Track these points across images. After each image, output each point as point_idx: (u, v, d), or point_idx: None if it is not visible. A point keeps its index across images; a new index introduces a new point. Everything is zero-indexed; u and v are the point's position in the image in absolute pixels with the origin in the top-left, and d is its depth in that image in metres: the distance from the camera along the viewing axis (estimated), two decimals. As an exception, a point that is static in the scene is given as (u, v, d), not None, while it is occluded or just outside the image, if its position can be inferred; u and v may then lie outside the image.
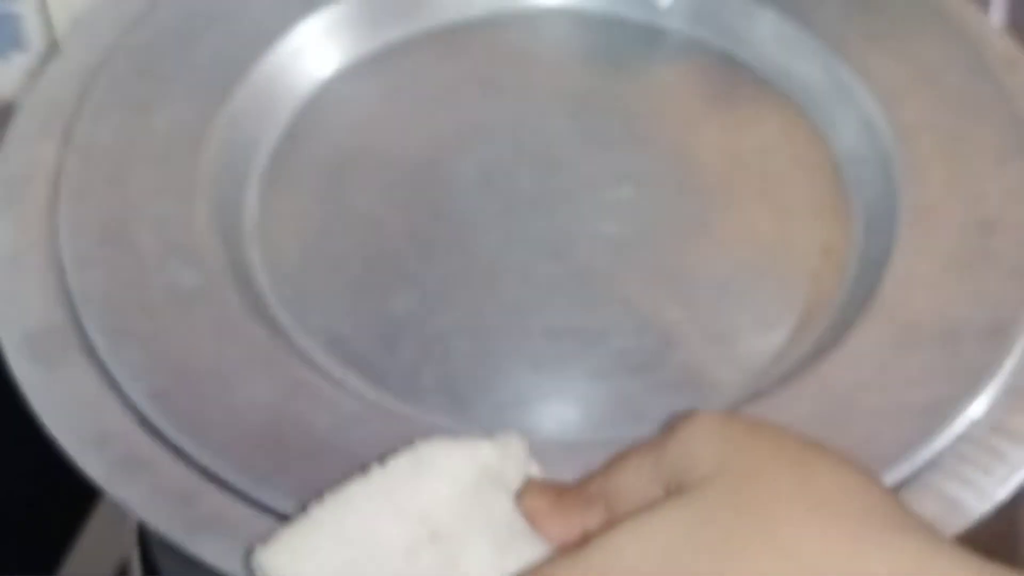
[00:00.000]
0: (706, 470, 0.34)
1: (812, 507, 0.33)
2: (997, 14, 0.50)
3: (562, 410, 0.47)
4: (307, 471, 0.41)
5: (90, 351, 0.45)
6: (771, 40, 0.57)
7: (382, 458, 0.38)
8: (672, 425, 0.36)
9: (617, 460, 0.37)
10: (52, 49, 0.60)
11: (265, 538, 0.37)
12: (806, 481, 0.33)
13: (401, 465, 0.38)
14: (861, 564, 0.32)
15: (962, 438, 0.42)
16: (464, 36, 0.58)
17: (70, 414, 0.44)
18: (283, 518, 0.40)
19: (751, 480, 0.33)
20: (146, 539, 0.63)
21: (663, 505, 0.34)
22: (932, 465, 0.41)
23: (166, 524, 0.42)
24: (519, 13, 0.58)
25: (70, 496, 0.68)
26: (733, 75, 0.57)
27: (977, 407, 0.42)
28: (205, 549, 0.41)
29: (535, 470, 0.38)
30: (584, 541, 0.35)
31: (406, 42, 0.57)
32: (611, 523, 0.35)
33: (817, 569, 0.32)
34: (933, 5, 0.56)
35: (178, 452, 0.43)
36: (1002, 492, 0.42)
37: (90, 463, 0.43)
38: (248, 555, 0.38)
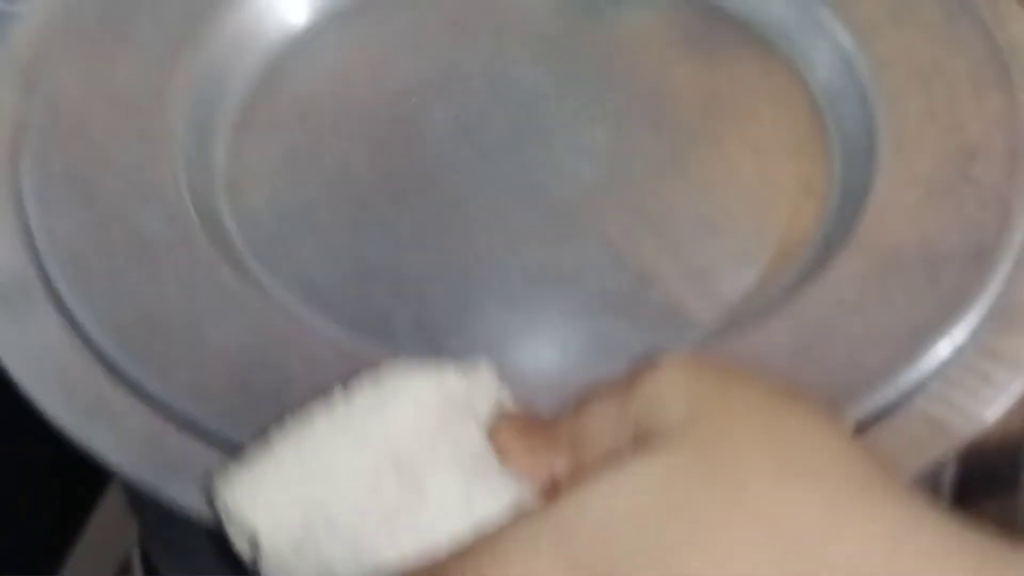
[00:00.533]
0: (673, 422, 0.32)
1: (785, 468, 0.31)
2: None
3: (539, 350, 0.46)
4: (277, 413, 0.40)
5: (56, 299, 0.44)
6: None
7: (346, 389, 0.37)
8: (638, 369, 0.34)
9: (584, 402, 0.35)
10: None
11: (225, 471, 0.36)
12: (778, 438, 0.32)
13: (364, 395, 0.37)
14: (835, 531, 0.31)
15: (947, 362, 0.41)
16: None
17: (36, 363, 0.43)
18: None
19: (721, 437, 0.32)
20: (147, 539, 0.62)
21: (630, 461, 0.32)
22: (918, 389, 0.41)
23: (135, 469, 0.41)
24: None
25: (72, 496, 0.67)
26: (707, 17, 0.56)
27: (961, 331, 0.42)
28: (174, 492, 0.40)
29: (506, 398, 0.37)
30: (551, 485, 0.35)
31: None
32: (578, 468, 0.34)
33: (789, 535, 0.30)
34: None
35: (146, 397, 0.42)
36: (989, 414, 0.41)
37: (57, 410, 0.42)
38: (208, 491, 0.37)
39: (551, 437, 0.36)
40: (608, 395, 0.35)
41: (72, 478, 0.42)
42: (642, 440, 0.33)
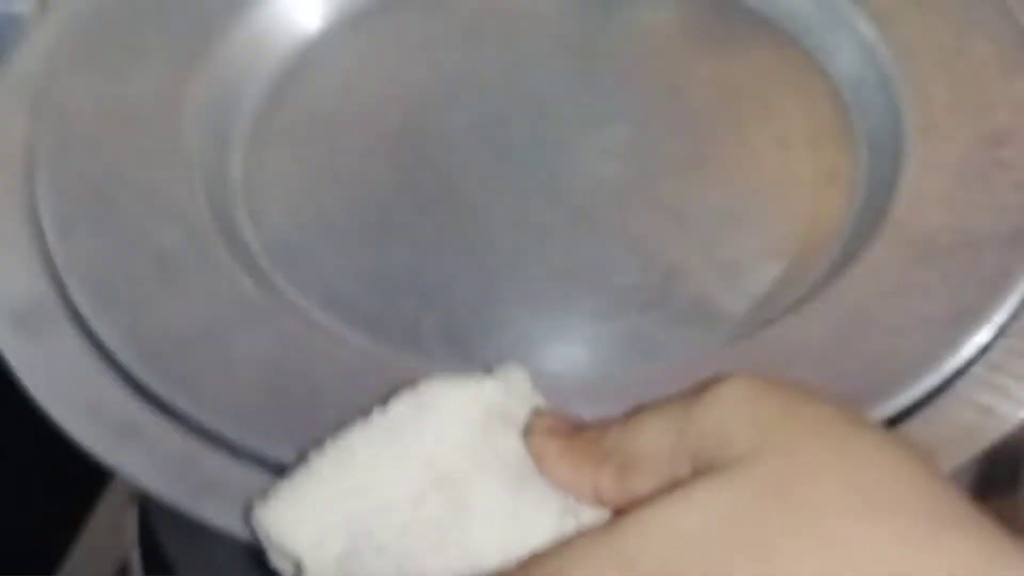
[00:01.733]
0: (741, 449, 0.31)
1: (862, 501, 0.30)
2: None
3: (568, 351, 0.45)
4: (309, 425, 0.39)
5: (78, 320, 0.44)
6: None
7: (384, 403, 0.36)
8: (701, 389, 0.33)
9: (637, 416, 0.34)
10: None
11: (264, 493, 0.35)
12: (854, 468, 0.31)
13: (402, 408, 0.36)
14: (916, 566, 0.29)
15: (989, 347, 0.41)
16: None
17: (61, 386, 0.43)
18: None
19: (792, 465, 0.31)
20: (147, 538, 0.61)
21: (695, 487, 0.31)
22: (962, 375, 0.40)
23: (167, 490, 0.40)
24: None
25: (71, 496, 0.66)
26: (722, 12, 0.55)
27: (1002, 314, 0.41)
28: (209, 512, 0.39)
29: (540, 402, 0.37)
30: (596, 499, 0.34)
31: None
32: (627, 489, 0.33)
33: (867, 569, 0.29)
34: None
35: (175, 416, 0.41)
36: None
37: (85, 434, 0.41)
38: (247, 512, 0.36)
39: (596, 448, 0.34)
40: (665, 413, 0.33)
41: (71, 478, 0.42)
42: (706, 465, 0.32)
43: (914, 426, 0.39)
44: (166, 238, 0.45)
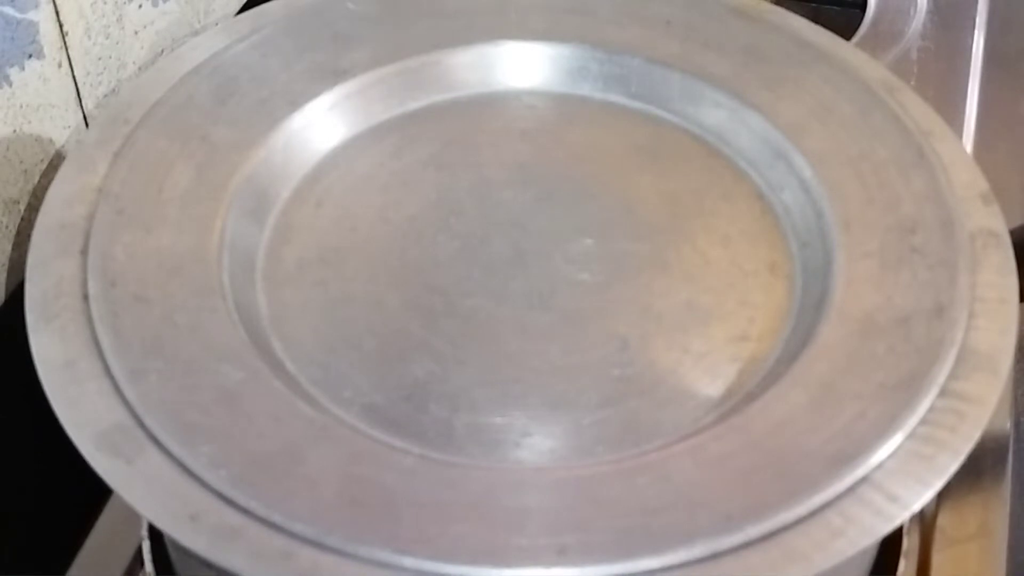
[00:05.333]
0: None
1: None
2: (979, 40, 0.58)
3: (584, 437, 0.53)
4: (387, 525, 0.47)
5: (163, 447, 0.50)
6: (679, 97, 0.65)
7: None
8: None
9: None
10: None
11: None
12: None
13: None
14: None
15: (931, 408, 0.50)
16: (413, 124, 0.65)
17: (158, 498, 0.48)
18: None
19: None
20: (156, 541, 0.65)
21: None
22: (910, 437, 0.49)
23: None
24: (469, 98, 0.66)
25: (78, 498, 0.67)
26: (651, 128, 0.65)
27: (941, 377, 0.51)
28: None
29: None
30: None
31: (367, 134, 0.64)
32: None
33: None
34: (815, 51, 0.65)
35: (268, 524, 0.48)
36: (966, 447, 0.49)
37: (188, 537, 0.47)
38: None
39: None
40: None
41: (79, 480, 0.46)
42: None
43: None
44: (225, 374, 0.52)
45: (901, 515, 0.47)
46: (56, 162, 0.75)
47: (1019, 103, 0.55)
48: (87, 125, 0.77)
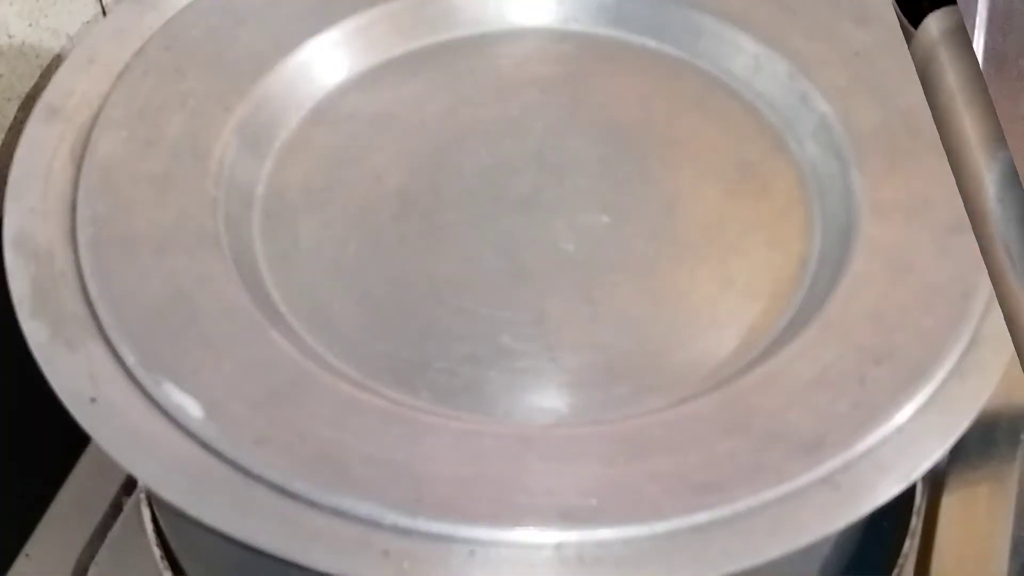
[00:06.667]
0: None
1: None
2: (979, 40, 0.56)
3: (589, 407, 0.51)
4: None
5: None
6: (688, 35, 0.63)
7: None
8: None
9: None
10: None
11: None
12: None
13: None
14: None
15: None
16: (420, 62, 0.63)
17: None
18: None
19: None
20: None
21: None
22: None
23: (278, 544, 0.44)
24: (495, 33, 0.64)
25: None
26: (672, 70, 0.63)
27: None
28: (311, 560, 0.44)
29: None
30: None
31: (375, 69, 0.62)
32: None
33: None
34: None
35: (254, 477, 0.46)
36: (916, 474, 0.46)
37: (199, 509, 0.45)
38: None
39: None
40: None
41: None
42: None
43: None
44: (275, 373, 0.49)
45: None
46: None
47: (1019, 103, 0.52)
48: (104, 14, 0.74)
